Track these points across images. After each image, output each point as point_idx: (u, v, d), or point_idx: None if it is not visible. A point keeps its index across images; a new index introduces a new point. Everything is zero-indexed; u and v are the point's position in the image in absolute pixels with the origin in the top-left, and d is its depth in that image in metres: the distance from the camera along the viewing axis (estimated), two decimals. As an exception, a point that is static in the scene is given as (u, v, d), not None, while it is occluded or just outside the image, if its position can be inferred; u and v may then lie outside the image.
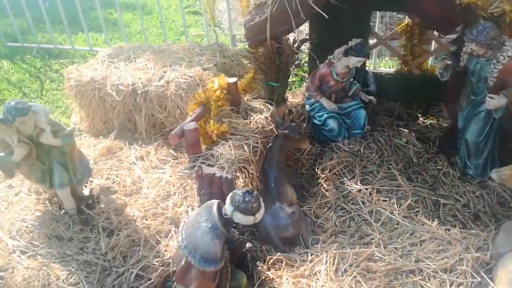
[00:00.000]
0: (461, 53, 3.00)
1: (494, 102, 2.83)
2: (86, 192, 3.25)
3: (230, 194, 2.20)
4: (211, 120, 3.18)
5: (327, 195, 3.22)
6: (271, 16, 3.08)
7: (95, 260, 2.71)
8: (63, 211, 3.10)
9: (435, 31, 3.75)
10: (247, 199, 2.12)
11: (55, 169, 2.93)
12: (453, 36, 3.51)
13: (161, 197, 3.17)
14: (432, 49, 4.01)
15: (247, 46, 3.41)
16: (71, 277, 2.59)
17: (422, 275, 2.50)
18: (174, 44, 4.39)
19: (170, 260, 2.69)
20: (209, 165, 2.89)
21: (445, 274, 2.48)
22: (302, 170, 3.55)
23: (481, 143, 3.14)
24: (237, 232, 2.39)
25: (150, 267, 2.67)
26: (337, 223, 3.00)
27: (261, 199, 2.20)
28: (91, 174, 3.25)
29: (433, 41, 3.91)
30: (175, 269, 2.46)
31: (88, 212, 3.07)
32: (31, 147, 2.78)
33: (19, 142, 2.70)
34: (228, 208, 2.16)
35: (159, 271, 2.63)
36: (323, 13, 2.98)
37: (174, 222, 2.94)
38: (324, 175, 3.35)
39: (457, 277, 2.45)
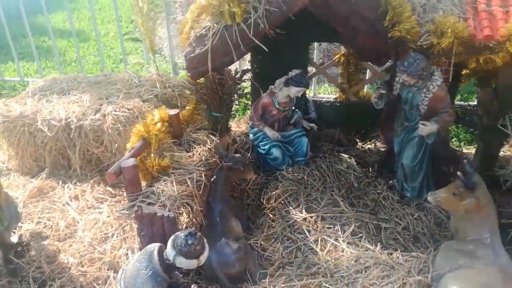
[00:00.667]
0: (394, 83, 3.14)
1: (426, 128, 2.98)
2: (14, 239, 2.97)
3: (172, 237, 2.10)
4: (152, 155, 3.07)
5: (274, 225, 3.20)
6: (212, 48, 3.06)
7: (24, 317, 2.46)
8: (-12, 261, 2.82)
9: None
10: (189, 242, 2.03)
11: (-22, 215, 2.67)
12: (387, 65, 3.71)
13: (98, 240, 2.99)
14: (367, 77, 4.19)
15: (188, 76, 3.35)
16: None
17: (368, 303, 2.53)
18: (111, 74, 4.22)
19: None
20: (149, 203, 2.77)
21: (390, 301, 2.52)
22: (248, 201, 3.52)
23: (416, 166, 3.29)
24: (180, 275, 2.28)
25: (87, 320, 2.47)
26: (284, 255, 2.98)
27: (204, 240, 2.13)
28: (20, 219, 2.99)
29: (368, 70, 4.09)
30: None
31: (17, 261, 2.81)
32: None
33: None
34: (169, 252, 2.06)
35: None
36: (263, 46, 3.01)
37: (112, 267, 2.76)
38: (269, 205, 3.33)
39: (402, 303, 2.50)
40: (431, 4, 2.83)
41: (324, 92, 5.39)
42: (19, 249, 2.91)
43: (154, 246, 2.14)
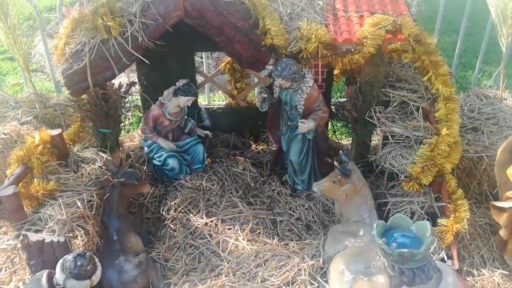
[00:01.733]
0: (274, 86, 3.38)
1: (305, 126, 3.25)
2: None
3: (60, 261, 2.03)
4: (35, 179, 2.89)
5: (175, 235, 3.21)
6: (91, 63, 2.99)
7: None
8: None
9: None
10: (79, 263, 1.98)
11: None
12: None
13: (-17, 277, 2.73)
14: (254, 83, 4.41)
15: (69, 94, 3.22)
16: None
17: (268, 294, 2.69)
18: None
19: None
20: (37, 230, 2.61)
21: (288, 287, 2.70)
22: (147, 214, 3.48)
23: (303, 161, 3.56)
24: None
25: None
26: (187, 262, 3.01)
27: (96, 259, 2.09)
28: None
29: (253, 76, 4.31)
30: None
31: None
32: None
33: None
34: (59, 277, 1.98)
35: None
36: (143, 59, 3.02)
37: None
38: (170, 216, 3.33)
39: (298, 287, 2.70)
40: (296, 13, 3.11)
41: (219, 99, 5.53)
42: None
43: (42, 273, 2.04)
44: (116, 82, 3.43)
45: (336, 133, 4.50)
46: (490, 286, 2.78)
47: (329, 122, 4.26)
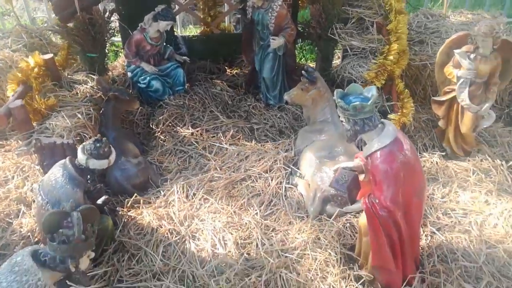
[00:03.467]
0: (247, 8, 3.73)
1: (276, 42, 3.67)
2: None
3: (80, 146, 2.43)
4: (36, 96, 3.21)
5: (166, 144, 3.65)
6: (76, -12, 3.24)
7: None
8: None
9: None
10: (98, 145, 2.39)
11: None
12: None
13: (-1, 183, 3.10)
14: (225, 10, 4.73)
15: (57, 20, 3.46)
16: None
17: (251, 179, 3.22)
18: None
19: (29, 234, 2.75)
20: (46, 136, 2.97)
21: (267, 174, 3.24)
22: (137, 130, 3.88)
23: (274, 77, 4.01)
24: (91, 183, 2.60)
25: (10, 244, 2.68)
26: (179, 163, 3.47)
27: (110, 144, 2.50)
28: None
29: (225, 3, 4.62)
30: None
31: None
32: None
33: None
34: (81, 158, 2.39)
35: (20, 244, 2.66)
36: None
37: (22, 201, 2.95)
38: (159, 129, 3.75)
39: (275, 173, 3.24)
40: None
41: (189, 33, 5.80)
42: None
43: (65, 159, 2.44)
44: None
45: (304, 55, 4.95)
46: (429, 164, 3.43)
47: (297, 43, 4.67)
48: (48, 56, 3.47)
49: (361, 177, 2.36)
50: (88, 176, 2.48)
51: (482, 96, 3.29)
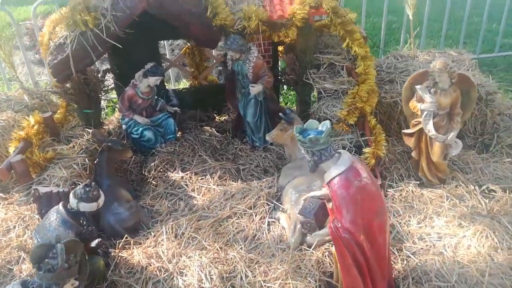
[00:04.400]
0: (227, 60, 4.11)
1: (255, 88, 4.01)
2: None
3: (72, 191, 2.68)
4: (36, 151, 3.51)
5: (157, 188, 3.89)
6: (72, 53, 3.63)
7: None
8: None
9: (207, 48, 4.88)
10: (87, 189, 2.64)
11: None
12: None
13: (1, 234, 3.32)
14: (211, 64, 5.14)
15: (55, 81, 3.84)
16: None
17: (236, 216, 3.42)
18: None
19: (28, 278, 2.93)
20: (44, 186, 3.23)
21: (251, 210, 3.45)
22: (131, 177, 4.14)
23: (257, 121, 4.31)
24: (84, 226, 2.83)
25: (8, 290, 2.86)
26: (169, 206, 3.69)
27: (99, 189, 2.75)
28: None
29: (210, 58, 5.03)
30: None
31: None
32: None
33: None
34: (72, 202, 2.64)
35: None
36: (117, 44, 3.68)
37: (22, 248, 3.16)
38: (151, 175, 4.01)
39: (258, 209, 3.44)
40: (238, -2, 3.87)
41: (184, 86, 6.22)
42: None
43: (58, 205, 2.68)
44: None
45: (289, 100, 5.28)
46: (405, 193, 3.62)
47: (281, 90, 5.02)
48: (47, 114, 3.81)
49: (329, 205, 2.57)
50: (82, 220, 2.71)
51: (447, 126, 3.54)
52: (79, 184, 3.36)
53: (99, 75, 4.05)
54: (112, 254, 3.08)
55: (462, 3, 6.44)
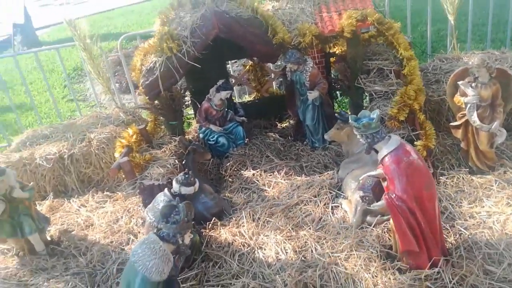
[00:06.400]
0: (286, 72, 4.75)
1: (312, 94, 4.60)
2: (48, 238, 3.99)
3: (174, 179, 3.39)
4: (136, 154, 4.31)
5: (233, 184, 4.54)
6: (160, 75, 4.44)
7: (80, 271, 3.53)
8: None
9: (268, 64, 5.56)
10: (186, 176, 3.35)
11: (24, 220, 3.70)
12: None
13: (112, 222, 4.12)
14: (271, 77, 5.82)
15: (147, 99, 4.67)
16: (67, 285, 3.38)
17: (303, 203, 3.97)
18: (80, 118, 5.40)
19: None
20: (147, 181, 4.00)
21: (315, 198, 3.99)
22: (211, 176, 4.84)
23: (316, 124, 4.87)
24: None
25: (125, 262, 3.59)
26: (245, 197, 4.32)
27: (194, 176, 3.44)
28: (50, 222, 4.03)
29: (270, 72, 5.71)
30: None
31: (57, 248, 3.84)
32: (6, 204, 3.55)
33: (-2, 200, 3.47)
34: (175, 186, 3.35)
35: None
36: (197, 65, 4.43)
37: (130, 232, 3.91)
38: (227, 173, 4.69)
39: (322, 196, 3.98)
40: (293, 18, 4.52)
41: (246, 99, 6.95)
42: (55, 243, 3.94)
43: (163, 191, 3.41)
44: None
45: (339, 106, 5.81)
46: (456, 180, 4.00)
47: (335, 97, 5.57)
48: (141, 126, 4.63)
49: (384, 183, 3.06)
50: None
51: (491, 116, 3.90)
52: (172, 179, 4.13)
53: (182, 92, 4.83)
54: (203, 233, 3.74)
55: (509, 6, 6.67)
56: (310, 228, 3.70)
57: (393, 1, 6.28)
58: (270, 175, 4.55)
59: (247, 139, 5.23)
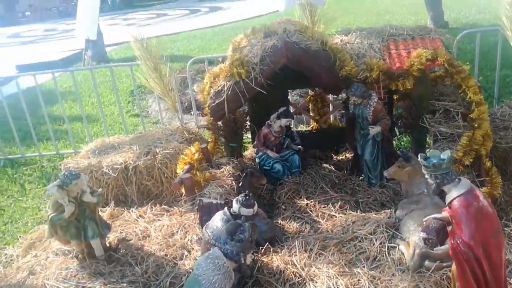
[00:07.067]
0: (349, 105, 4.78)
1: (374, 129, 4.58)
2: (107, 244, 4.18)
3: (235, 199, 3.48)
4: (197, 172, 4.47)
5: (286, 212, 4.56)
6: (227, 98, 4.62)
7: (136, 280, 3.65)
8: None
9: (330, 95, 5.62)
10: (247, 197, 3.42)
11: (89, 224, 3.91)
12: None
13: (168, 235, 4.26)
14: (330, 111, 5.86)
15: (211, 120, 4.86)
16: (122, 293, 3.51)
17: (358, 240, 3.90)
18: (147, 132, 5.69)
19: (191, 269, 3.74)
20: (206, 199, 4.12)
21: (371, 235, 3.91)
22: (264, 202, 4.88)
23: (375, 160, 4.83)
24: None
25: (178, 276, 3.69)
26: (297, 227, 4.31)
27: (254, 199, 3.51)
28: (111, 228, 4.23)
29: (330, 104, 5.76)
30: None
31: (115, 255, 4.01)
32: (76, 206, 3.79)
33: (69, 202, 3.71)
34: (235, 206, 3.43)
35: (185, 275, 3.66)
36: (262, 91, 4.58)
37: (184, 248, 4.02)
38: (280, 200, 4.72)
39: (378, 235, 3.90)
40: (361, 53, 4.58)
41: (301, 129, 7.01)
42: (113, 250, 4.12)
43: (223, 210, 3.50)
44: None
45: (399, 144, 5.73)
46: (523, 232, 3.78)
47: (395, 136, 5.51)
48: (204, 145, 4.81)
49: (449, 228, 2.97)
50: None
51: None
52: (230, 199, 4.23)
53: (244, 115, 4.99)
54: (255, 258, 3.76)
55: None
56: (364, 266, 3.62)
57: (459, 43, 6.17)
58: (324, 206, 4.53)
59: (301, 167, 5.25)
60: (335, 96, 6.19)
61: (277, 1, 4.73)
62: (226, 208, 3.48)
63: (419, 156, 2.92)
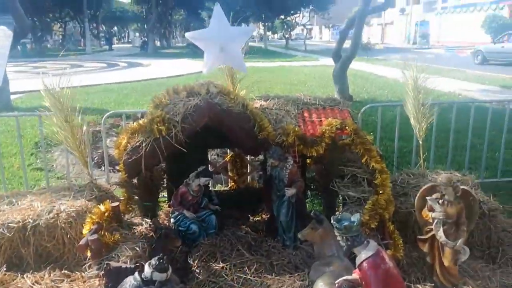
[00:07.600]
0: (266, 166, 4.94)
1: (290, 191, 4.74)
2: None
3: (147, 263, 3.27)
4: (106, 233, 4.16)
5: (200, 276, 4.39)
6: (145, 154, 4.50)
7: None
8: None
9: (248, 156, 5.76)
10: (161, 261, 3.24)
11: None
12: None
13: (67, 306, 3.81)
14: (248, 171, 5.99)
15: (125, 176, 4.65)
16: None
17: (271, 305, 3.86)
18: (52, 187, 5.23)
19: None
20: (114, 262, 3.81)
21: (285, 299, 3.90)
22: (177, 265, 4.65)
23: (289, 221, 4.95)
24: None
25: None
26: (211, 293, 4.16)
27: (169, 263, 3.34)
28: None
29: (248, 164, 5.90)
30: None
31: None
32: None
33: None
34: (147, 271, 3.22)
35: None
36: (182, 148, 4.55)
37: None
38: (195, 264, 4.55)
39: (292, 298, 3.90)
40: (279, 118, 4.84)
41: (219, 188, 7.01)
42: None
43: (134, 274, 3.26)
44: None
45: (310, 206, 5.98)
46: (421, 295, 4.06)
47: (307, 197, 5.75)
48: (115, 204, 4.54)
49: (358, 289, 3.10)
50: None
51: (456, 234, 4.13)
52: (142, 263, 3.96)
53: (161, 174, 4.86)
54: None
55: (467, 132, 7.45)
56: (279, 331, 3.56)
57: (363, 115, 6.87)
58: (240, 270, 4.45)
59: (218, 227, 5.17)
60: (253, 157, 6.36)
61: (201, 63, 4.88)
62: (136, 273, 3.25)
63: (332, 218, 3.07)
